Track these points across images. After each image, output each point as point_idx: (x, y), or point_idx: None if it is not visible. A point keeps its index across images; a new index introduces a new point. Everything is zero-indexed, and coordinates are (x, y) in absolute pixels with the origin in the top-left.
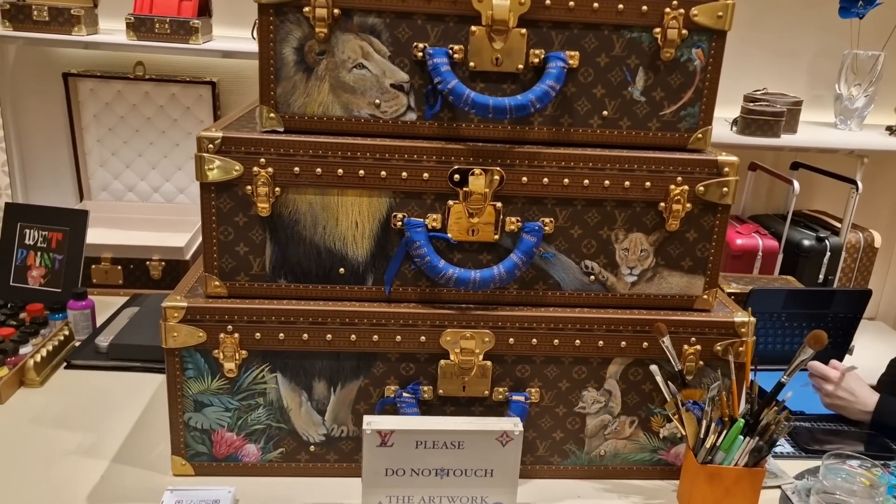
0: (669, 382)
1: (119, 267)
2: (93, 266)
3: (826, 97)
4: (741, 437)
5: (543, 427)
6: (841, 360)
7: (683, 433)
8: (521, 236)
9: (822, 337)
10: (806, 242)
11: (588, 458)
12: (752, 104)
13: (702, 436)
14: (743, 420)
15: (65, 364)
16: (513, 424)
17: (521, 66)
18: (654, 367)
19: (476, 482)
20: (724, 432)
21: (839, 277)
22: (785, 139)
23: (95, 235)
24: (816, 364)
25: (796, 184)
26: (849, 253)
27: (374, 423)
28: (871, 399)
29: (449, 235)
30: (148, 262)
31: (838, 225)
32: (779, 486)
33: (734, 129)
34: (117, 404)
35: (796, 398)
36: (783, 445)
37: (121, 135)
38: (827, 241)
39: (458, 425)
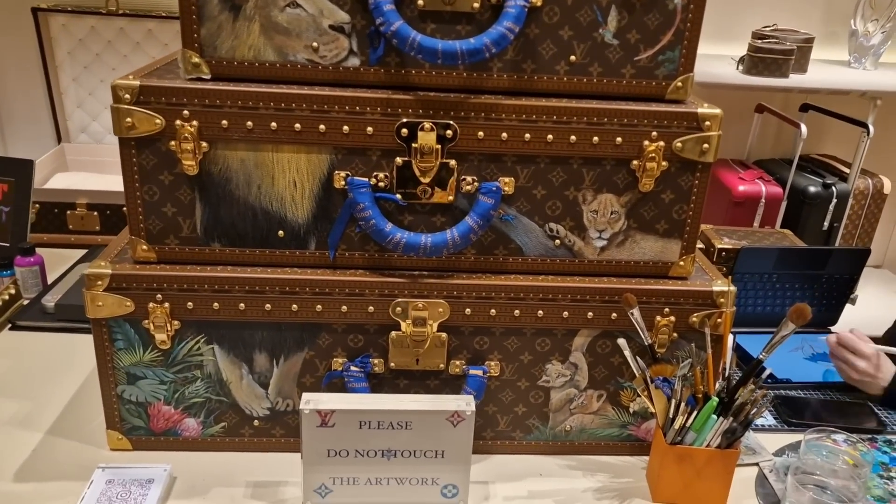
0: (638, 357)
1: (95, 213)
2: (68, 212)
3: (841, 34)
4: (714, 417)
5: (504, 401)
6: (838, 316)
7: (653, 411)
8: (477, 197)
9: (805, 311)
10: (812, 189)
11: (553, 433)
12: (759, 41)
13: (671, 415)
14: (717, 399)
15: (9, 325)
16: (465, 403)
17: (476, 5)
18: (621, 341)
19: (426, 463)
20: (696, 412)
21: (845, 225)
22: (794, 79)
23: (72, 180)
24: (848, 337)
25: (804, 127)
26: (857, 200)
27: (313, 401)
28: (891, 372)
29: (397, 196)
30: (125, 209)
31: (848, 171)
32: (756, 464)
33: (740, 68)
34: (60, 370)
35: (783, 365)
36: (765, 417)
37: (97, 73)
38: (834, 187)
39: (406, 405)
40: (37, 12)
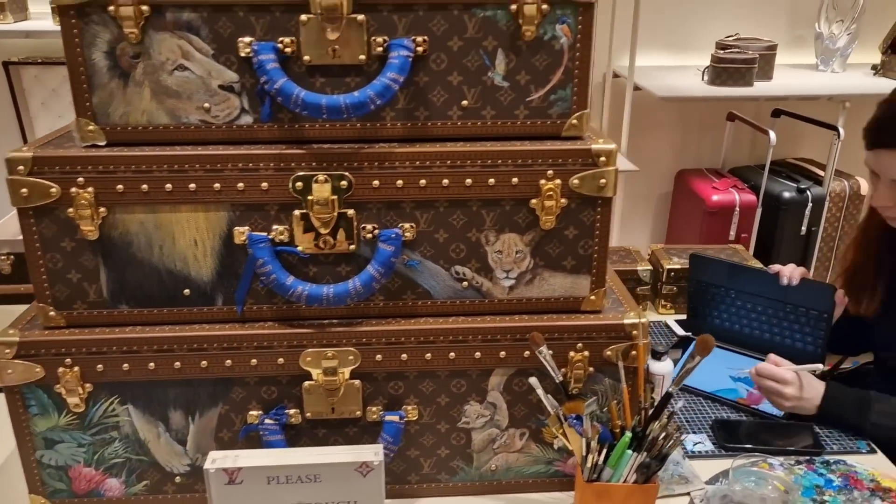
0: (549, 395)
1: None
2: None
3: (807, 37)
4: (630, 452)
5: (426, 445)
6: (822, 356)
7: (570, 448)
8: (377, 245)
9: (708, 342)
10: (786, 194)
11: (479, 473)
12: (722, 52)
13: (584, 453)
14: (630, 433)
15: None
16: (373, 453)
17: (363, 57)
18: (533, 380)
19: None
20: (604, 450)
21: (824, 228)
22: (759, 87)
23: None
24: (767, 367)
25: (772, 134)
26: (833, 202)
27: (219, 460)
28: (820, 390)
29: (298, 249)
30: None
31: (823, 174)
32: (688, 494)
33: (705, 78)
34: None
35: (718, 383)
36: (703, 443)
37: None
38: (809, 191)
39: (312, 458)
40: (8, 66)
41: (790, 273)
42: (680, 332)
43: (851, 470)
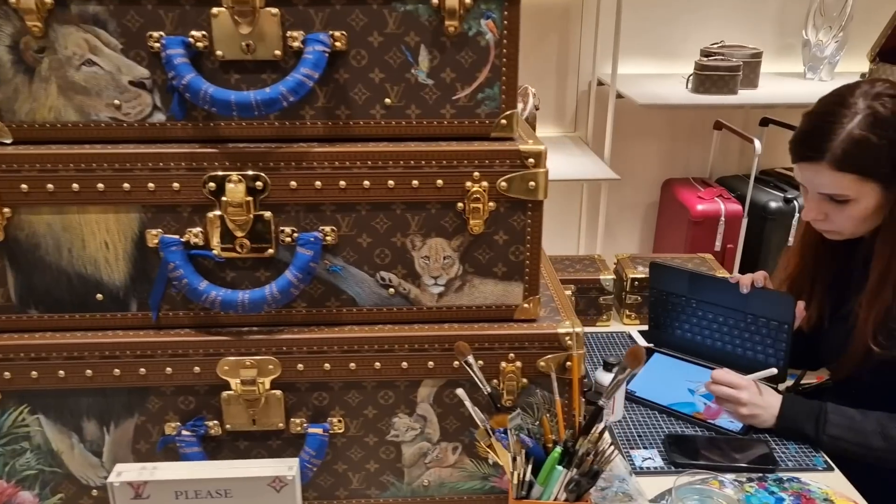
0: (476, 409)
1: None
2: None
3: (796, 45)
4: (560, 468)
5: (354, 458)
6: (783, 374)
7: (500, 463)
8: (296, 250)
9: (638, 354)
10: (773, 204)
11: (410, 489)
12: (706, 59)
13: (511, 469)
14: (559, 449)
15: None
16: (286, 468)
17: (278, 53)
18: (460, 391)
19: None
20: (530, 466)
21: None
22: (744, 95)
23: None
24: (721, 373)
25: (757, 143)
26: None
27: (124, 473)
28: (776, 402)
29: (213, 252)
30: None
31: None
32: None
33: (689, 86)
34: None
35: (675, 396)
36: (653, 459)
37: None
38: (796, 201)
39: (223, 472)
40: None
41: (749, 279)
42: (642, 343)
43: (805, 488)
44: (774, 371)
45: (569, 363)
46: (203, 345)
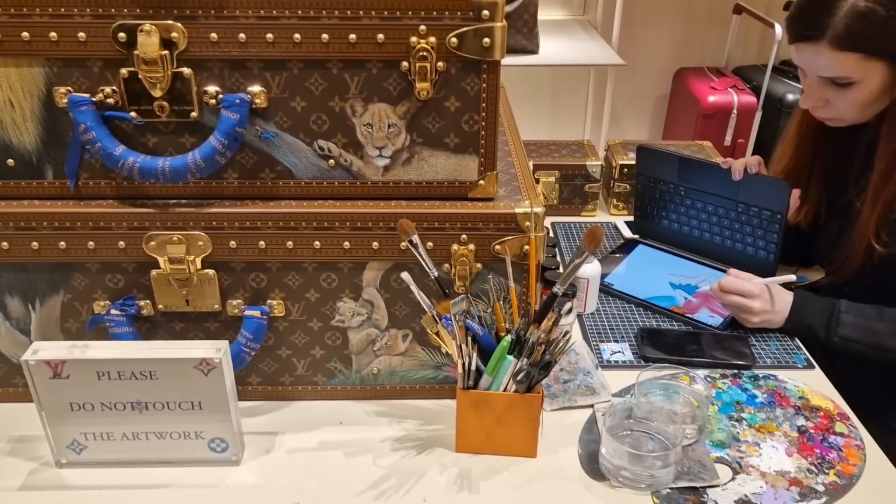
0: (423, 294)
1: None
2: None
3: None
4: (509, 358)
5: (298, 344)
6: (773, 266)
7: (448, 352)
8: (221, 113)
9: (597, 235)
10: (790, 96)
11: (359, 377)
12: None
13: (457, 358)
14: (509, 338)
15: None
16: (214, 350)
17: None
18: (405, 275)
19: (183, 416)
20: (473, 354)
21: None
22: None
23: None
24: (732, 282)
25: (778, 28)
26: None
27: (41, 350)
28: (788, 300)
29: (130, 115)
30: None
31: None
32: (591, 406)
33: None
34: None
35: (655, 290)
36: (623, 353)
37: None
38: None
39: (145, 353)
40: None
41: (742, 164)
42: (629, 234)
43: (780, 386)
44: (793, 277)
45: (527, 247)
46: (126, 217)
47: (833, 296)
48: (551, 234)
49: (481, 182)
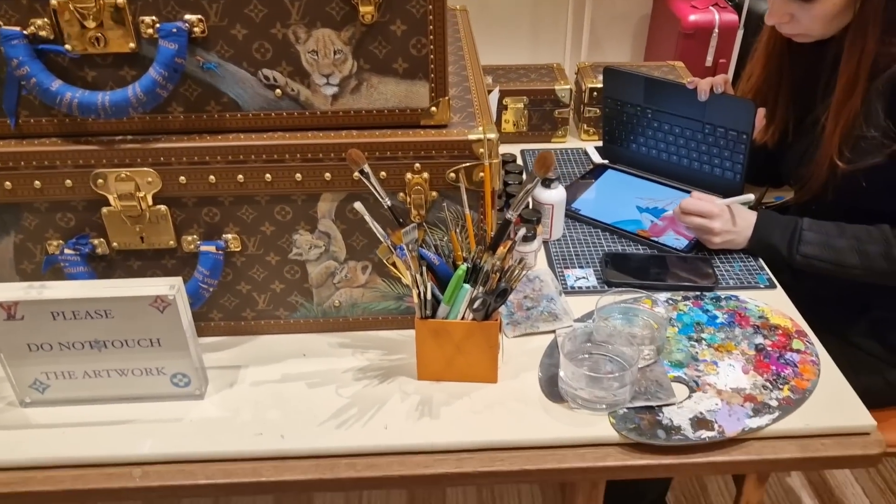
0: (377, 224)
1: None
2: None
3: None
4: (466, 287)
5: (257, 278)
6: (739, 186)
7: (406, 283)
8: (159, 43)
9: (547, 159)
10: None
11: (321, 310)
12: None
13: (413, 288)
14: (464, 266)
15: None
16: (168, 287)
17: None
18: (358, 205)
19: (143, 353)
20: (427, 283)
21: None
22: None
23: None
24: (691, 202)
25: None
26: None
27: None
28: (752, 220)
29: (65, 48)
30: None
31: None
32: (553, 332)
33: None
34: None
35: (622, 214)
36: (587, 279)
37: None
38: None
39: (98, 292)
40: None
41: (708, 83)
42: (598, 160)
43: (741, 306)
44: (752, 197)
45: (482, 174)
46: (71, 155)
47: (800, 215)
48: (520, 162)
49: (433, 109)
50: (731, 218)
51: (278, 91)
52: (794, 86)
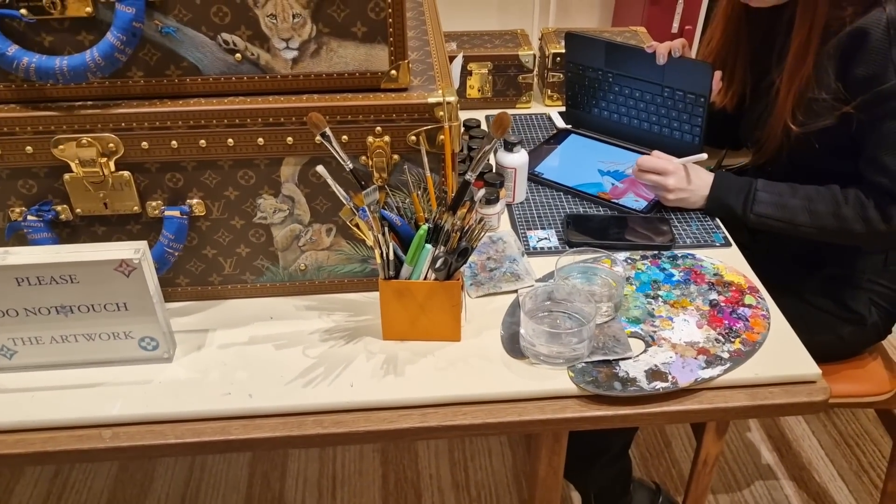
0: (339, 187)
1: None
2: None
3: None
4: (428, 247)
5: (222, 242)
6: (698, 146)
7: (370, 244)
8: (115, 6)
9: (503, 120)
10: None
11: (288, 273)
12: None
13: (375, 249)
14: (425, 227)
15: None
16: (133, 251)
17: None
18: (320, 168)
19: (109, 317)
20: (390, 244)
21: None
22: None
23: None
24: (647, 160)
25: None
26: None
27: None
28: (708, 180)
29: (21, 12)
30: None
31: None
32: (516, 291)
33: None
34: None
35: (583, 177)
36: (549, 240)
37: None
38: None
39: (61, 257)
40: None
41: (666, 47)
42: (561, 125)
43: (697, 264)
44: (704, 156)
45: (442, 137)
46: (31, 121)
47: (756, 177)
48: (484, 127)
49: (393, 72)
50: (686, 176)
51: (238, 55)
52: (751, 50)
